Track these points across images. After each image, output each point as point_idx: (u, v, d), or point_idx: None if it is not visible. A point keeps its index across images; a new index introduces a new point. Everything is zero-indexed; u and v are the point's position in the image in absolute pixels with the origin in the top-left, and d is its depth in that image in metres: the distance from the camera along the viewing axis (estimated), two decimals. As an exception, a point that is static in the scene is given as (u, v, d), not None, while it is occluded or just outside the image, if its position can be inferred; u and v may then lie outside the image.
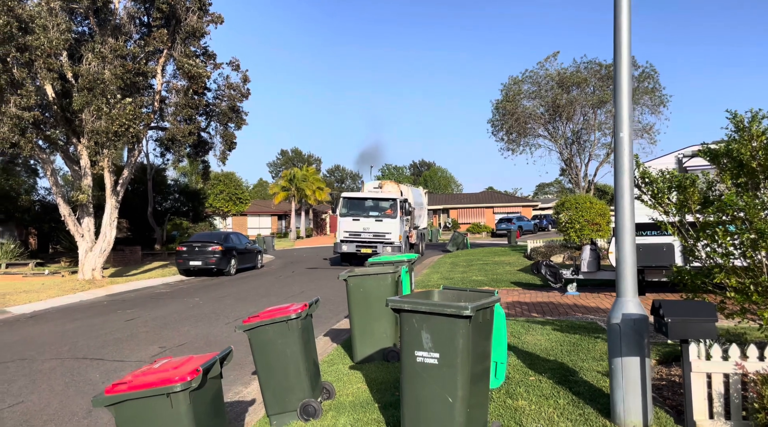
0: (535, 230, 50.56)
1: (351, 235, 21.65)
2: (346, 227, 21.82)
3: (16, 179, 27.97)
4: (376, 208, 22.24)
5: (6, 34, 14.94)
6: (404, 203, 22.35)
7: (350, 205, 22.45)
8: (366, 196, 23.14)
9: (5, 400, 6.52)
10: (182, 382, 3.44)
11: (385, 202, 22.31)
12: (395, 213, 21.69)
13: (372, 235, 21.52)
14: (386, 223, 21.63)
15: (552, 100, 28.54)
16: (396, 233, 21.44)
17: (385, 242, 21.30)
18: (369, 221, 21.73)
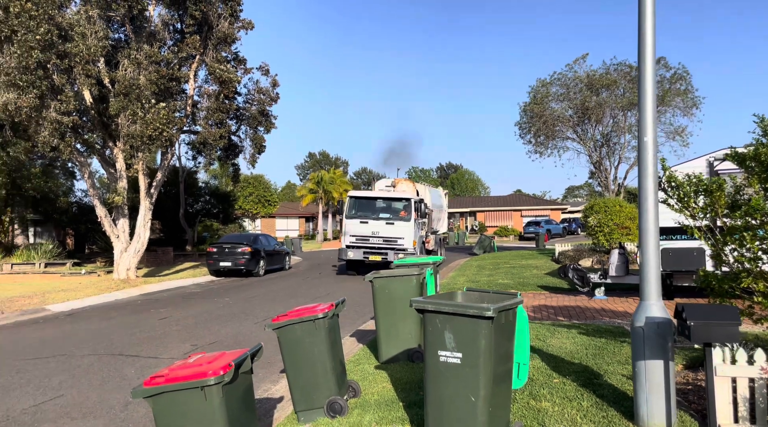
0: (564, 233, 50.01)
1: (358, 240, 18.96)
2: (353, 230, 19.07)
3: (54, 182, 28.93)
4: (387, 209, 19.56)
5: (47, 41, 15.54)
6: (420, 204, 19.70)
7: (358, 206, 19.60)
8: (376, 195, 20.24)
9: (47, 393, 6.83)
10: (215, 376, 3.61)
11: (397, 203, 19.49)
12: (409, 215, 18.91)
13: (382, 240, 18.78)
14: (399, 226, 18.83)
15: (581, 102, 28.25)
16: (409, 238, 18.72)
17: (396, 248, 18.64)
18: (379, 224, 18.95)
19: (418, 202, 19.64)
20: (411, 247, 18.58)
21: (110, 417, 5.99)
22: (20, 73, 15.08)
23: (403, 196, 19.64)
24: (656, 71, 5.34)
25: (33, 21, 15.19)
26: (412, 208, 19.06)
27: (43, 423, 5.83)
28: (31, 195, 26.39)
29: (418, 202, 19.60)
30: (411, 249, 18.50)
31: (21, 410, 6.22)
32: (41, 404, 6.41)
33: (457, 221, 59.31)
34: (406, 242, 18.68)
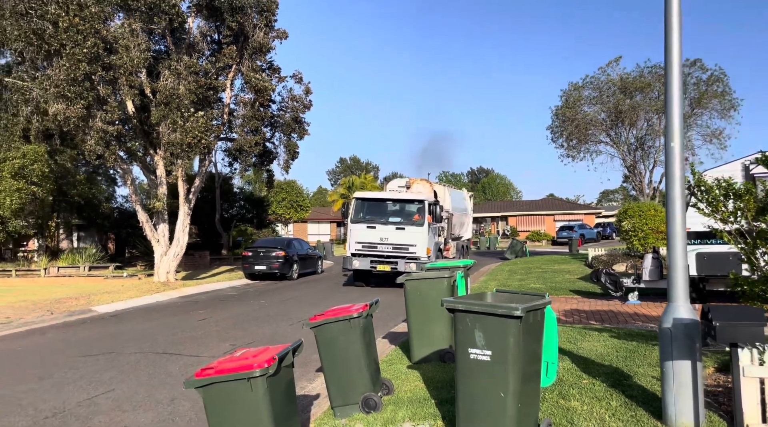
0: (598, 238, 49.29)
1: (365, 247, 16.86)
2: (359, 236, 16.99)
3: (98, 188, 30.06)
4: (398, 212, 17.51)
5: (93, 54, 16.29)
6: (435, 207, 17.31)
7: (365, 209, 17.45)
8: (384, 196, 18.20)
9: (98, 388, 7.26)
10: (260, 368, 3.89)
11: (410, 205, 17.35)
12: (422, 219, 16.77)
13: (392, 247, 16.67)
14: (410, 232, 16.66)
15: (614, 105, 27.96)
16: (422, 246, 16.53)
17: (408, 256, 16.52)
18: (388, 230, 16.80)
19: (434, 204, 17.37)
20: (424, 255, 16.46)
21: (158, 411, 6.35)
22: (68, 84, 15.86)
23: (415, 197, 17.39)
24: (683, 76, 5.44)
25: (80, 35, 15.95)
26: (426, 211, 16.85)
27: (97, 415, 6.22)
28: (76, 201, 27.47)
29: (434, 205, 17.31)
30: (424, 258, 16.34)
31: (76, 403, 6.64)
32: (94, 398, 6.83)
33: (488, 226, 59.03)
34: (419, 250, 16.51)
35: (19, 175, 22.89)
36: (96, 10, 16.30)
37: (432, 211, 17.07)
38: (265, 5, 20.05)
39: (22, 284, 21.49)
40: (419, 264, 15.55)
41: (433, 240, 17.33)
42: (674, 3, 5.00)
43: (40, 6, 16.02)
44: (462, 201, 23.42)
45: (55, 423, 5.97)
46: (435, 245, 17.50)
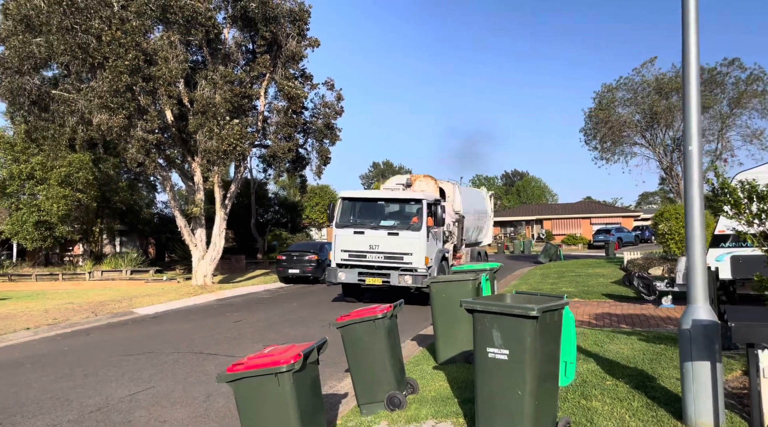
0: (636, 241, 48.29)
1: (352, 256, 14.25)
2: (345, 243, 14.39)
3: (138, 194, 31.15)
4: (391, 215, 14.78)
5: (134, 66, 17.01)
6: (436, 208, 14.40)
7: (351, 211, 14.81)
8: (374, 195, 15.53)
9: (139, 385, 7.65)
10: (287, 364, 4.13)
11: (405, 206, 14.63)
12: (420, 223, 13.90)
13: (383, 256, 13.94)
14: (405, 238, 13.87)
15: (649, 106, 27.51)
16: (420, 254, 13.72)
17: (402, 267, 13.78)
18: (379, 235, 14.06)
19: (434, 204, 14.43)
20: (422, 265, 13.66)
21: (194, 407, 6.67)
22: (111, 96, 16.60)
23: (410, 196, 14.50)
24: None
25: (122, 48, 16.69)
26: (424, 212, 13.93)
27: (138, 410, 6.58)
28: (119, 207, 28.54)
29: (435, 205, 14.39)
30: (422, 269, 13.65)
31: (118, 399, 7.03)
32: (135, 394, 7.21)
33: (522, 229, 58.47)
34: (415, 259, 13.71)
35: (65, 182, 23.98)
36: (137, 23, 17.02)
37: (433, 212, 14.21)
38: (298, 15, 20.54)
39: (69, 287, 22.48)
40: (416, 277, 13.46)
41: (435, 247, 14.51)
42: (691, 3, 5.06)
43: (85, 21, 16.82)
44: (479, 201, 20.32)
45: (99, 417, 6.35)
46: (438, 252, 14.54)
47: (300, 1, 20.88)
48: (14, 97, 17.60)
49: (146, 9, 17.15)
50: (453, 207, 16.55)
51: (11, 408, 6.72)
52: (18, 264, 28.00)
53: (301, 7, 20.80)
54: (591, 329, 9.45)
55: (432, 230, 14.24)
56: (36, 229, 24.88)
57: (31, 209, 24.60)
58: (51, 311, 14.62)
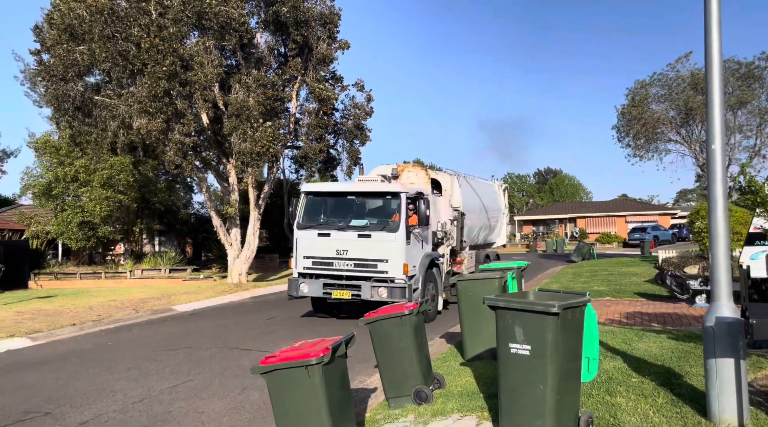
0: (673, 239, 47.20)
1: (316, 263, 11.85)
2: (308, 248, 11.95)
3: (176, 195, 32.04)
4: (363, 213, 12.23)
5: (172, 71, 17.58)
6: (419, 203, 11.57)
7: (317, 208, 12.45)
8: (341, 189, 12.91)
9: (179, 378, 8.02)
10: (316, 357, 4.36)
11: (378, 202, 12.17)
12: (398, 222, 11.37)
13: (353, 264, 11.51)
14: (378, 241, 11.35)
15: (684, 102, 26.90)
16: (397, 261, 11.19)
17: (376, 277, 11.37)
18: (347, 238, 11.57)
19: (416, 199, 11.71)
20: (400, 275, 11.14)
21: (231, 399, 6.99)
22: (150, 100, 17.21)
23: (385, 189, 11.93)
24: (725, 76, 5.45)
25: (160, 54, 17.28)
26: (403, 209, 11.38)
27: (178, 402, 6.93)
28: (157, 208, 29.43)
29: (417, 200, 11.65)
30: (400, 279, 11.14)
31: (159, 391, 7.40)
32: (175, 387, 7.57)
33: (555, 228, 57.77)
34: (391, 267, 11.21)
35: (107, 184, 24.89)
36: (174, 30, 17.60)
37: (415, 208, 11.58)
38: (328, 18, 20.87)
39: (111, 285, 23.34)
40: (392, 289, 11.05)
41: (419, 251, 11.92)
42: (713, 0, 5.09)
43: (125, 29, 17.48)
44: (488, 196, 17.13)
45: (142, 408, 6.71)
46: (424, 258, 11.96)
47: (330, 4, 21.23)
48: (59, 103, 18.42)
49: (182, 16, 17.71)
50: (451, 202, 13.98)
51: (60, 399, 7.15)
52: (63, 263, 29.16)
53: (331, 10, 21.13)
54: (621, 328, 9.44)
55: (414, 231, 11.64)
56: (80, 229, 25.89)
57: (75, 210, 25.61)
58: (95, 308, 15.28)
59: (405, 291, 11.01)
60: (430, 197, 12.71)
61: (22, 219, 27.51)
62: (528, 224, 60.73)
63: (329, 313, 13.36)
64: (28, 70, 25.40)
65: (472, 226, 14.96)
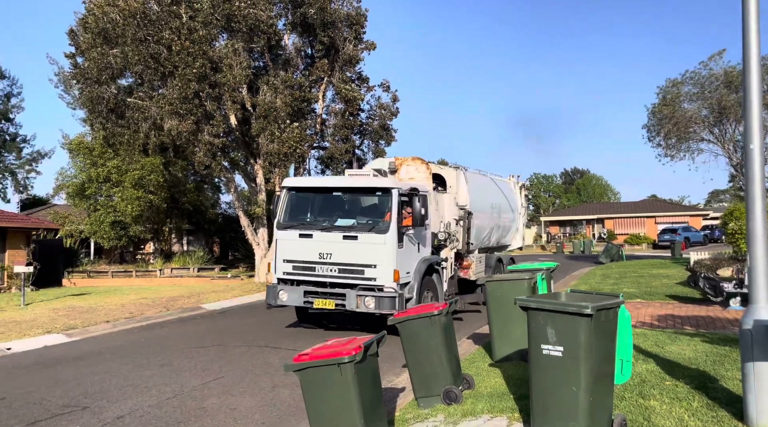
0: (705, 241, 46.22)
1: (297, 268, 10.61)
2: (288, 251, 10.74)
3: (204, 195, 32.57)
4: (351, 211, 10.99)
5: (201, 73, 17.90)
6: (414, 200, 10.12)
7: (301, 206, 11.22)
8: (326, 184, 11.66)
9: (210, 375, 8.17)
10: (349, 355, 4.41)
11: (369, 199, 10.93)
12: (388, 222, 10.02)
13: (337, 269, 10.23)
14: (365, 244, 10.05)
15: (717, 101, 26.31)
16: (386, 266, 9.90)
17: (362, 284, 10.02)
18: (331, 239, 10.31)
19: (410, 195, 10.29)
20: (390, 282, 9.83)
21: (261, 396, 7.09)
22: (180, 102, 17.55)
23: (375, 185, 10.63)
24: (762, 74, 5.36)
25: (190, 57, 17.60)
26: (394, 206, 10.04)
27: (210, 398, 7.06)
28: (186, 208, 29.95)
29: (411, 197, 10.23)
30: (390, 287, 9.84)
31: (192, 387, 7.54)
32: (207, 383, 7.71)
33: (582, 229, 57.02)
34: (380, 273, 9.90)
35: (138, 185, 25.43)
36: (203, 33, 17.91)
37: (414, 208, 10.14)
38: (355, 19, 20.97)
39: (141, 283, 23.83)
40: (380, 299, 9.73)
41: (414, 255, 10.56)
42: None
43: (156, 32, 17.85)
44: (501, 193, 15.60)
45: (176, 403, 6.85)
46: (420, 263, 10.59)
47: (356, 5, 21.33)
48: (94, 105, 18.90)
49: (212, 18, 18.01)
50: (456, 200, 12.63)
51: (97, 394, 7.34)
52: (95, 262, 29.87)
53: (357, 11, 21.23)
54: (652, 330, 9.30)
55: (408, 232, 10.30)
56: (112, 228, 26.50)
57: (107, 210, 26.23)
58: (127, 306, 15.63)
59: (395, 301, 9.67)
60: (432, 194, 11.56)
61: (56, 218, 28.28)
62: (554, 224, 60.08)
63: (317, 323, 11.99)
64: (62, 73, 26.09)
65: (481, 226, 13.57)
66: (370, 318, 10.24)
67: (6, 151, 42.42)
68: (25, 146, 43.58)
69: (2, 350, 10.17)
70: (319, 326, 11.87)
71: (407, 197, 10.30)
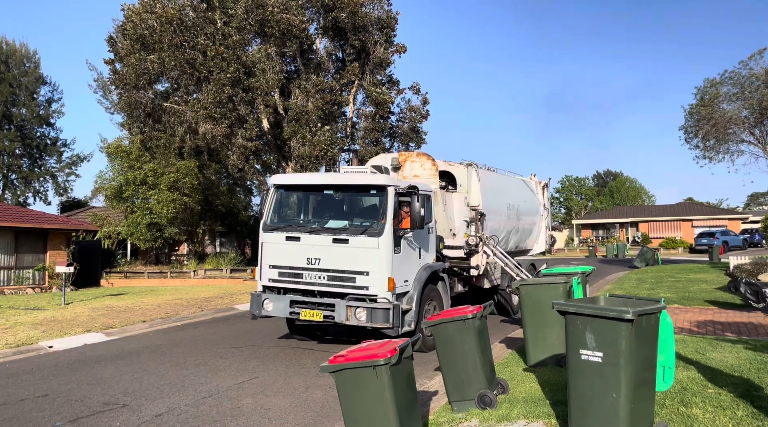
0: (744, 245, 44.81)
1: (283, 275, 9.62)
2: (274, 256, 9.73)
3: (237, 198, 33.06)
4: (344, 211, 9.96)
5: (235, 78, 18.21)
6: (414, 198, 9.01)
7: (288, 206, 10.56)
8: (316, 181, 10.35)
9: (245, 375, 8.27)
10: (384, 358, 4.41)
11: (363, 198, 10.02)
12: (382, 224, 8.97)
13: (326, 276, 9.21)
14: (356, 248, 9.01)
15: (758, 101, 25.48)
16: (380, 273, 8.85)
17: (353, 294, 9.02)
18: (320, 243, 9.29)
19: (409, 194, 9.15)
20: (383, 292, 8.79)
21: (295, 397, 7.15)
22: (215, 106, 17.89)
23: (369, 182, 9.52)
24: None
25: (224, 62, 17.92)
26: (389, 206, 8.98)
27: (245, 398, 7.15)
28: (219, 210, 30.46)
29: (410, 196, 9.11)
30: (383, 297, 8.80)
31: (227, 387, 7.65)
32: (241, 383, 7.82)
33: (616, 232, 55.92)
34: (373, 282, 8.87)
35: (173, 187, 25.97)
36: (237, 38, 18.21)
37: (410, 206, 9.07)
38: (385, 22, 21.05)
39: (176, 284, 24.30)
40: (373, 310, 8.74)
41: (413, 262, 9.56)
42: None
43: (192, 38, 18.23)
44: (520, 193, 14.57)
45: (212, 403, 6.96)
46: (420, 270, 9.64)
47: (387, 9, 21.43)
48: (131, 109, 19.39)
49: (246, 24, 18.30)
50: (467, 200, 11.72)
51: (136, 392, 7.51)
52: (132, 262, 30.60)
53: (388, 15, 21.31)
54: (692, 337, 9.06)
55: (407, 235, 9.29)
56: (148, 230, 27.11)
57: (144, 212, 26.84)
58: (162, 306, 15.95)
59: (389, 314, 8.66)
60: (438, 193, 10.67)
61: (95, 220, 29.07)
62: (587, 228, 59.07)
63: (310, 335, 10.94)
64: (101, 78, 26.88)
65: (496, 229, 12.60)
66: (368, 330, 9.23)
67: (47, 155, 43.84)
68: (65, 150, 44.99)
69: (45, 348, 10.49)
70: (313, 339, 10.91)
71: (406, 196, 9.17)
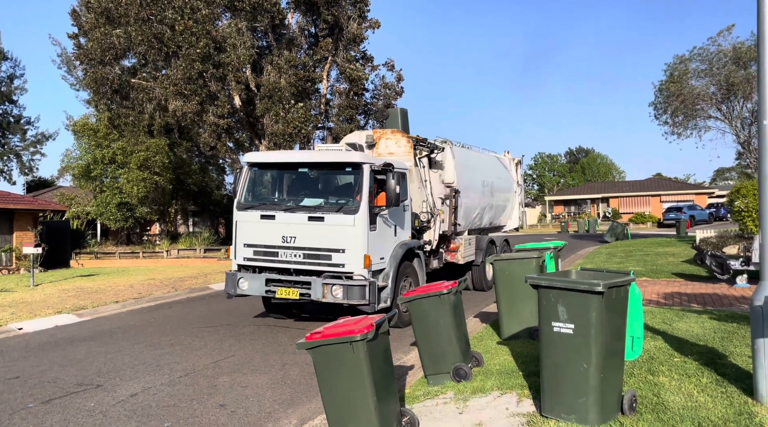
0: (710, 219, 46.05)
1: (258, 254, 9.61)
2: (249, 235, 9.72)
3: (209, 177, 32.58)
4: (319, 189, 9.99)
5: (205, 53, 17.79)
6: (389, 176, 8.98)
7: (263, 185, 10.57)
8: (291, 160, 10.30)
9: (221, 353, 8.26)
10: (361, 333, 4.44)
11: (336, 175, 10.11)
12: (358, 202, 8.95)
13: (302, 254, 9.19)
14: (332, 226, 8.99)
15: (725, 77, 25.99)
16: (355, 251, 8.87)
17: (329, 271, 9.03)
18: (295, 221, 9.25)
19: (384, 172, 9.10)
20: (360, 269, 8.82)
21: (272, 374, 7.17)
22: (185, 83, 17.48)
23: (344, 160, 9.53)
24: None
25: (194, 37, 17.47)
26: (365, 184, 8.98)
27: (221, 376, 7.14)
28: (192, 189, 30.01)
29: (385, 173, 9.07)
30: (359, 274, 8.82)
31: (203, 366, 7.63)
32: (218, 362, 7.80)
33: (587, 208, 56.92)
34: (348, 259, 8.89)
35: (143, 166, 25.44)
36: (206, 12, 17.74)
37: (385, 183, 9.07)
38: (359, -4, 20.74)
39: (148, 264, 23.98)
40: (349, 287, 8.77)
41: (389, 239, 9.57)
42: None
43: (159, 12, 17.70)
44: (494, 169, 14.68)
45: (188, 381, 6.94)
46: (397, 247, 9.66)
47: (361, -18, 21.07)
48: (98, 86, 18.84)
49: (215, -3, 17.84)
50: (442, 177, 11.91)
51: (110, 372, 7.44)
52: (102, 243, 30.05)
53: (361, -11, 20.99)
54: (659, 308, 9.34)
55: (382, 213, 9.24)
56: (118, 210, 26.60)
57: (113, 192, 26.29)
58: (135, 286, 15.75)
59: (365, 290, 8.73)
60: (413, 170, 10.60)
61: (63, 200, 28.37)
62: (559, 204, 59.98)
63: (286, 313, 11.04)
64: (65, 53, 25.98)
65: (470, 206, 12.77)
66: (345, 307, 9.17)
67: (10, 133, 42.43)
68: (30, 128, 43.58)
69: (14, 330, 10.30)
70: (289, 317, 10.96)
71: (382, 174, 9.15)
